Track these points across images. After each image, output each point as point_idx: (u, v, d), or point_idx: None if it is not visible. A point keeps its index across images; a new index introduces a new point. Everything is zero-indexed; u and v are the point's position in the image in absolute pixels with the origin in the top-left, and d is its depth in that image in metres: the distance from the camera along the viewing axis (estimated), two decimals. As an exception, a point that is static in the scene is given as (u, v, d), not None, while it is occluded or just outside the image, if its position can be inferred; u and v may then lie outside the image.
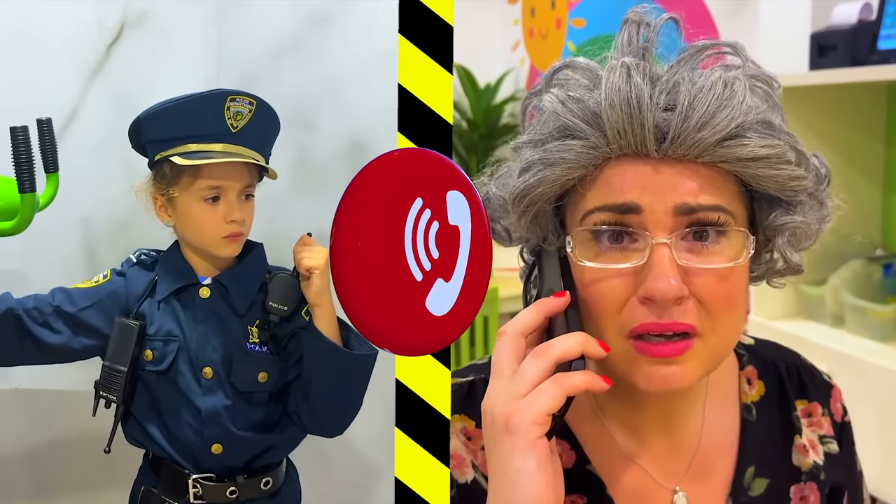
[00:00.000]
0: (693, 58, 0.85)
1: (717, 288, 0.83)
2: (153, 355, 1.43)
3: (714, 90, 0.80)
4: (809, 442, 1.04)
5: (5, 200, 1.38)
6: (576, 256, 0.86)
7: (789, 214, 0.87)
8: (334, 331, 1.41)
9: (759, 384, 1.05)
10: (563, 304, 0.85)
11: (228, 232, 1.41)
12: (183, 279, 1.46)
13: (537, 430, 0.78)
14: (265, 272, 1.49)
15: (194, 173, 1.39)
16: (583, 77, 0.87)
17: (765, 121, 0.83)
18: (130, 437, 1.48)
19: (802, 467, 1.02)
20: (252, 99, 1.40)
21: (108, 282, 1.48)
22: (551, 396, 0.78)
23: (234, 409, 1.43)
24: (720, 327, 0.84)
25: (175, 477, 1.44)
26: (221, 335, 1.44)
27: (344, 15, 1.76)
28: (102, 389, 1.43)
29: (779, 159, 0.83)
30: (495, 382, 0.82)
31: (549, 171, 0.85)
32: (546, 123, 0.87)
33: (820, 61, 2.57)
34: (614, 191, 0.84)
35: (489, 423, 0.81)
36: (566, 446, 0.97)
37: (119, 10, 1.70)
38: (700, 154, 0.81)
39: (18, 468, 1.79)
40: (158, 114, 1.39)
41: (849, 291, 2.58)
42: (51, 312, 1.42)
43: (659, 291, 0.80)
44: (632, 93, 0.80)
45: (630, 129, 0.81)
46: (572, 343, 0.81)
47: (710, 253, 0.84)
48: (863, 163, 2.75)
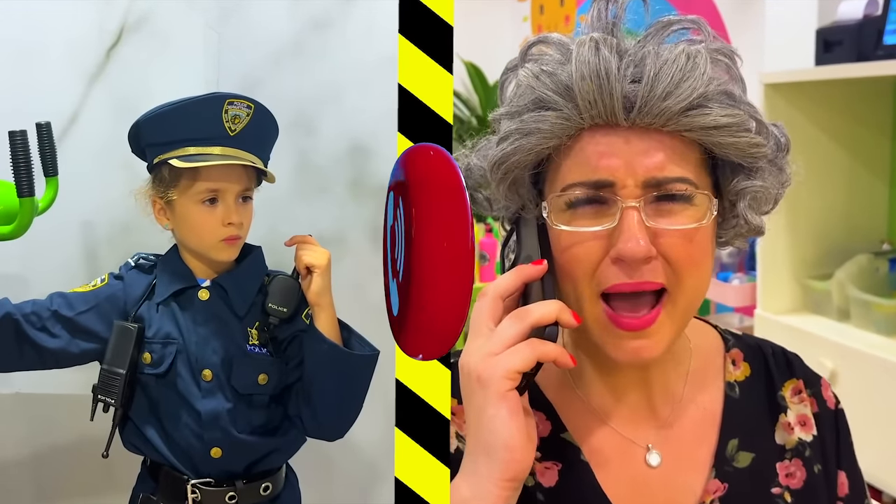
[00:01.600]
0: (659, 33, 0.89)
1: (683, 248, 0.88)
2: (152, 358, 1.43)
3: (678, 62, 0.85)
4: (800, 418, 1.06)
5: (4, 205, 1.39)
6: (552, 221, 0.91)
7: (750, 179, 0.92)
8: (335, 332, 1.41)
9: (745, 366, 1.08)
10: (541, 271, 0.90)
11: (226, 235, 1.41)
12: (182, 282, 1.46)
13: (508, 384, 0.82)
14: (264, 274, 1.49)
15: (192, 176, 1.39)
16: (555, 52, 0.91)
17: (726, 91, 0.88)
18: (129, 443, 1.48)
19: (787, 445, 1.04)
20: (250, 102, 1.40)
21: (105, 285, 1.48)
22: (524, 357, 0.83)
23: (234, 412, 1.43)
24: (686, 285, 0.89)
25: (174, 483, 1.44)
26: (221, 337, 1.44)
27: (344, 19, 1.76)
28: (101, 393, 1.43)
29: (739, 127, 0.87)
30: (473, 340, 0.87)
31: (524, 140, 0.90)
32: (522, 96, 0.91)
33: (826, 57, 2.56)
34: (590, 166, 0.88)
35: (465, 375, 0.85)
36: (542, 416, 1.01)
37: (119, 15, 1.70)
38: (666, 123, 0.86)
39: (19, 473, 1.80)
40: (157, 117, 1.39)
41: (855, 286, 2.57)
42: (49, 317, 1.42)
43: (629, 251, 0.85)
44: (600, 65, 0.84)
45: (600, 100, 0.85)
46: (548, 310, 0.86)
47: (676, 215, 0.88)
48: (869, 157, 2.75)
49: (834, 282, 2.63)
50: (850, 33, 2.48)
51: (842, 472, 1.07)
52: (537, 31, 5.35)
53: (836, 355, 2.41)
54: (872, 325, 2.49)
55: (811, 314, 2.78)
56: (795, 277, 2.76)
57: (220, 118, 1.37)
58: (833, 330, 2.60)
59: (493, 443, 0.82)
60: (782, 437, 1.04)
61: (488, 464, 0.82)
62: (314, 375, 1.42)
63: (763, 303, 2.85)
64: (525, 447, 0.82)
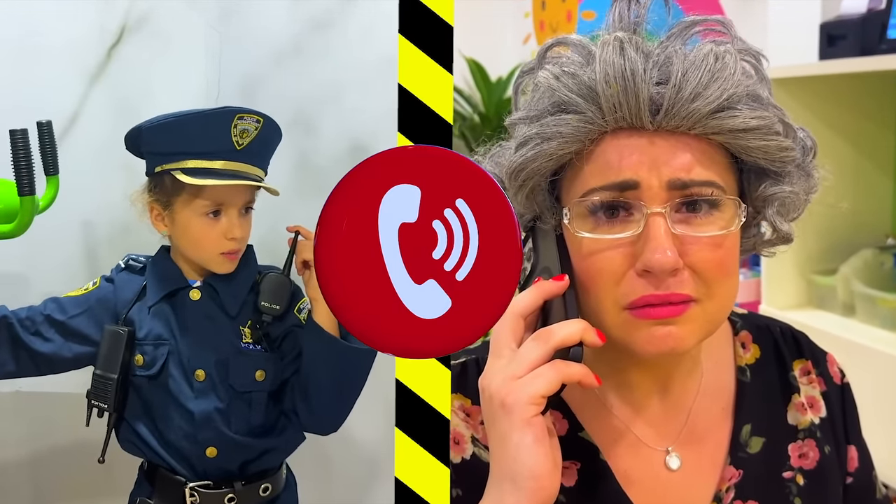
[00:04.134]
0: (683, 33, 0.87)
1: (711, 256, 0.85)
2: (143, 360, 1.43)
3: (706, 62, 0.82)
4: (808, 399, 1.05)
5: (5, 203, 1.39)
6: (573, 228, 0.88)
7: (779, 185, 0.90)
8: (334, 326, 1.41)
9: (754, 347, 1.07)
10: (563, 287, 0.87)
11: (226, 249, 1.41)
12: (173, 283, 1.46)
13: (533, 410, 0.80)
14: (256, 273, 1.48)
15: (196, 192, 1.38)
16: (575, 53, 0.89)
17: (754, 93, 0.86)
18: (125, 442, 1.48)
19: (799, 425, 1.03)
20: (259, 117, 1.39)
21: (97, 288, 1.48)
22: (548, 381, 0.80)
23: (228, 411, 1.43)
24: (716, 294, 0.87)
25: (171, 486, 1.44)
26: (214, 337, 1.44)
27: (345, 19, 1.77)
28: (94, 398, 1.44)
29: (768, 130, 0.85)
30: (494, 361, 0.85)
31: (545, 144, 0.87)
32: (541, 99, 0.89)
33: (829, 51, 2.55)
34: (612, 168, 0.85)
35: (487, 399, 0.83)
36: (559, 415, 0.99)
37: (120, 14, 1.71)
38: (693, 125, 0.83)
39: (18, 473, 1.80)
40: (161, 127, 1.37)
41: (859, 281, 2.56)
42: (42, 321, 1.43)
43: (657, 263, 0.82)
44: (626, 66, 0.82)
45: (625, 102, 0.83)
46: (572, 330, 0.83)
47: (703, 223, 0.86)
48: (873, 152, 2.73)
49: (839, 277, 2.62)
50: (854, 27, 2.47)
51: (851, 447, 1.07)
52: (539, 27, 5.32)
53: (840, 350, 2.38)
54: (877, 320, 2.48)
55: (816, 309, 2.77)
56: (800, 272, 2.75)
57: (229, 133, 1.36)
58: (838, 325, 2.59)
59: (518, 471, 0.80)
60: (795, 418, 1.04)
61: (514, 492, 0.80)
62: (312, 369, 1.42)
63: (768, 298, 2.84)
64: (551, 474, 0.80)
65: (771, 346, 1.07)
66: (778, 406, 1.04)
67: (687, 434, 1.00)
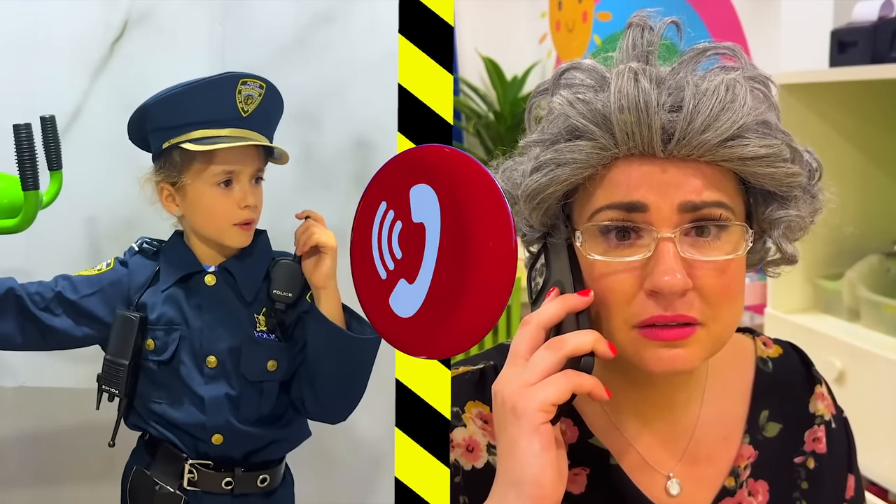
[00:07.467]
0: (693, 60, 0.89)
1: (717, 280, 0.87)
2: (155, 345, 1.43)
3: (717, 93, 0.84)
4: (826, 403, 1.08)
5: (8, 198, 1.39)
6: (585, 251, 0.90)
7: (785, 209, 0.92)
8: (339, 315, 1.41)
9: (776, 347, 1.10)
10: (587, 303, 0.89)
11: (241, 219, 1.40)
12: (187, 268, 1.46)
13: (542, 417, 0.82)
14: (271, 258, 1.48)
15: (207, 159, 1.38)
16: (588, 78, 0.91)
17: (763, 121, 0.87)
18: (132, 423, 1.48)
19: (817, 412, 1.06)
20: (262, 82, 1.39)
21: (110, 270, 1.48)
22: (559, 389, 0.82)
23: (239, 399, 1.43)
24: (721, 317, 0.89)
25: (171, 459, 1.44)
26: (228, 324, 1.44)
27: (348, 14, 1.77)
28: (105, 383, 1.44)
29: (776, 157, 0.87)
30: (509, 368, 0.86)
31: (559, 170, 0.89)
32: (554, 123, 0.91)
33: (840, 58, 2.54)
34: (622, 189, 0.87)
35: (499, 404, 0.85)
36: (569, 423, 1.00)
37: (124, 8, 1.71)
38: (703, 154, 0.85)
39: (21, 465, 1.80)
40: (167, 99, 1.37)
41: (865, 286, 2.56)
42: (52, 298, 1.42)
43: (666, 285, 0.84)
44: (640, 97, 0.84)
45: (638, 132, 0.85)
46: (584, 340, 0.85)
47: (711, 247, 0.88)
48: (882, 159, 2.73)
49: (845, 282, 2.62)
50: (865, 35, 2.46)
51: (851, 476, 1.08)
52: (555, 27, 5.35)
53: (845, 355, 2.39)
54: (882, 326, 2.48)
55: (821, 314, 2.76)
56: (806, 277, 2.74)
57: (234, 99, 1.37)
58: (843, 330, 2.58)
59: (522, 477, 0.81)
60: (815, 407, 1.06)
61: (518, 498, 0.81)
62: (317, 358, 1.42)
63: (774, 302, 2.83)
64: (555, 483, 0.81)
65: (791, 349, 1.11)
66: (801, 394, 1.07)
67: (688, 458, 1.01)
